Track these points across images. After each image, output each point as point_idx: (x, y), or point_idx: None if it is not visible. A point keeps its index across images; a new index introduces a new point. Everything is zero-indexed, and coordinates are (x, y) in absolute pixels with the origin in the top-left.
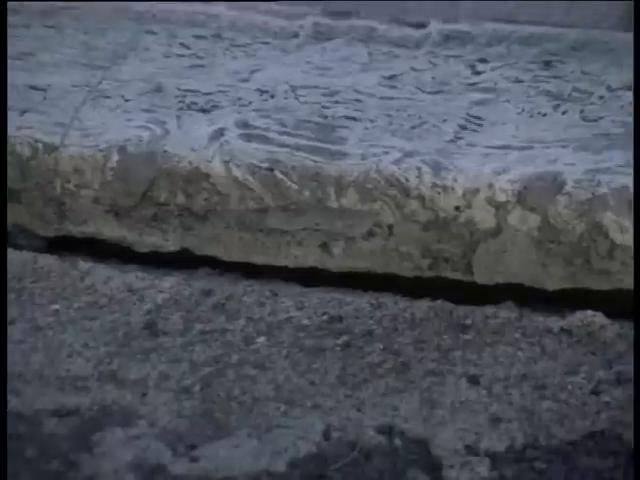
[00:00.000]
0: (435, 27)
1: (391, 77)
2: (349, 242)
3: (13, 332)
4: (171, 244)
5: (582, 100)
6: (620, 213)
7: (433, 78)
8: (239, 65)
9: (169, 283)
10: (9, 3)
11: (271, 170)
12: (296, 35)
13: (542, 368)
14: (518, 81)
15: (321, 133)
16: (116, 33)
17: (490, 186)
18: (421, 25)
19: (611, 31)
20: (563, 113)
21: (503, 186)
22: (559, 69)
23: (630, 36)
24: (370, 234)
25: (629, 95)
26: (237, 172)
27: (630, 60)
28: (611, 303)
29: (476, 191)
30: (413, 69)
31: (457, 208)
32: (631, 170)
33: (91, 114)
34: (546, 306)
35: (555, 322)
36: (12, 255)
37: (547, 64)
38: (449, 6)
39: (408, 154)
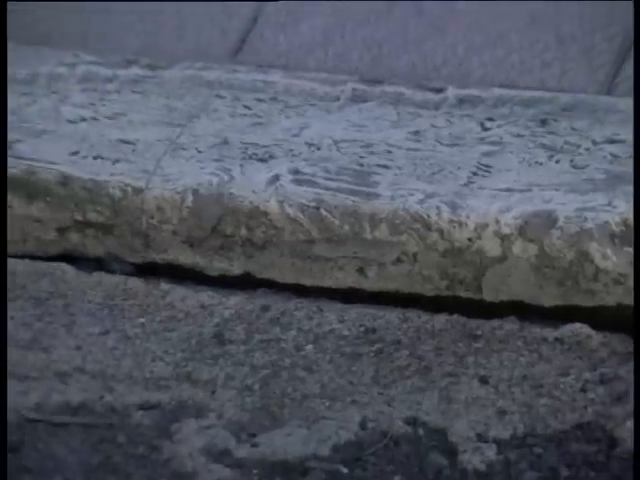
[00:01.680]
0: (451, 92)
1: (415, 132)
2: (381, 267)
3: (107, 341)
4: (235, 268)
5: (572, 151)
6: (603, 244)
7: (450, 133)
8: (291, 123)
9: (234, 301)
10: None
11: (317, 208)
12: (338, 98)
13: (539, 370)
14: (519, 136)
15: (358, 178)
16: (191, 97)
17: (497, 221)
18: (440, 90)
19: (594, 95)
20: (556, 162)
21: (507, 221)
22: (553, 126)
23: (610, 99)
24: (398, 260)
25: (610, 147)
26: (289, 210)
27: (612, 118)
28: (596, 317)
29: (485, 225)
30: (433, 126)
31: (470, 239)
32: (611, 208)
33: (171, 163)
34: (542, 319)
35: (550, 333)
36: (106, 278)
37: (543, 122)
38: (462, 75)
39: (429, 195)
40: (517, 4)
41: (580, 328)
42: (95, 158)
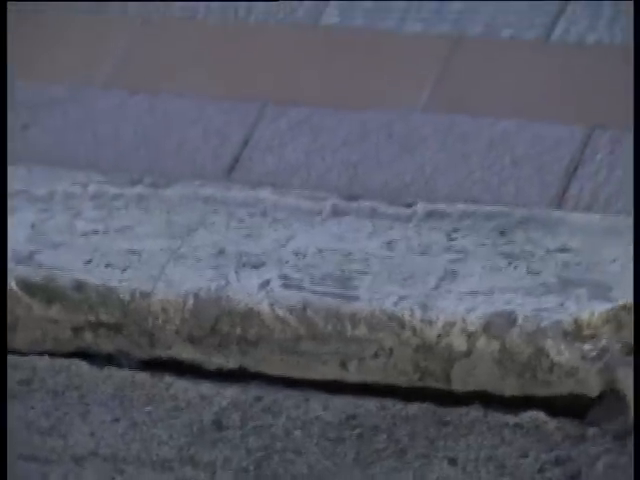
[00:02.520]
0: (420, 207)
1: (389, 242)
2: (361, 361)
3: (118, 427)
4: (231, 363)
5: (528, 259)
6: (557, 340)
7: (419, 243)
8: (279, 234)
9: (230, 392)
10: None
11: (304, 310)
12: (320, 213)
13: (502, 452)
14: (481, 245)
15: (340, 283)
16: (190, 212)
17: (463, 320)
18: (410, 205)
19: (546, 209)
20: (514, 268)
21: (472, 321)
22: (511, 237)
23: (560, 213)
24: (376, 355)
25: (561, 255)
26: (279, 311)
27: (562, 229)
28: (551, 405)
29: (453, 324)
30: (405, 237)
31: (439, 336)
32: (563, 309)
33: (173, 270)
34: (504, 407)
35: (511, 419)
36: (116, 372)
37: (502, 233)
38: (429, 191)
39: (403, 298)
40: (477, 129)
41: (537, 415)
42: (106, 266)
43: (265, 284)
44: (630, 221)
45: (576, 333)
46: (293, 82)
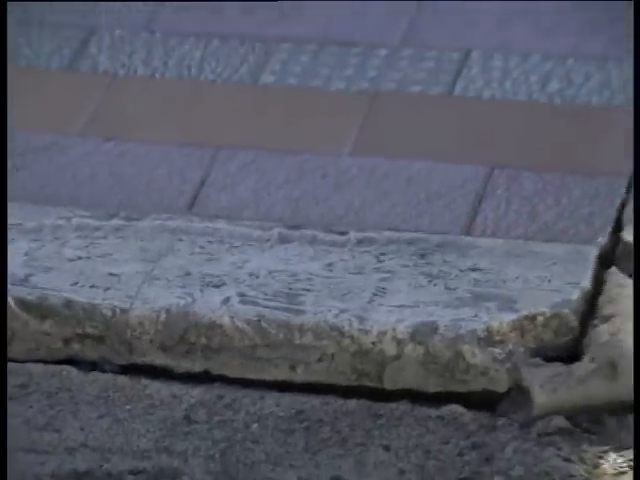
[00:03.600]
0: (353, 234)
1: (329, 264)
2: (307, 365)
3: (103, 423)
4: (197, 367)
5: (445, 277)
6: (472, 345)
7: (354, 265)
8: (236, 259)
9: (197, 391)
10: None
11: (259, 322)
12: (269, 240)
13: (427, 440)
14: (405, 266)
15: (288, 299)
16: (159, 241)
17: (393, 329)
18: (344, 233)
19: (458, 236)
20: (434, 285)
21: (401, 330)
22: (429, 259)
23: (470, 239)
24: (320, 360)
25: (473, 274)
26: (238, 323)
27: (472, 252)
28: (467, 400)
29: (385, 333)
30: (341, 259)
31: (373, 343)
32: (477, 319)
33: (148, 290)
34: (428, 402)
35: (434, 412)
36: (100, 376)
37: (422, 256)
38: (359, 221)
39: (342, 311)
40: (395, 170)
41: (456, 408)
42: (91, 287)
43: (226, 300)
44: (528, 246)
45: (488, 339)
46: (240, 131)
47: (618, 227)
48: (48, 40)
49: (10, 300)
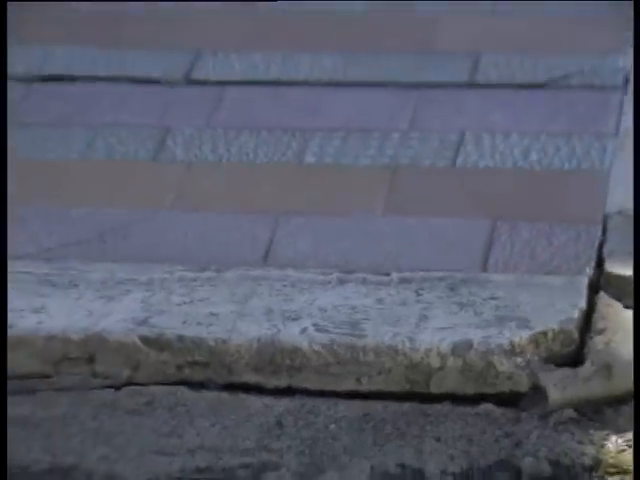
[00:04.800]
0: (395, 275)
1: (379, 299)
2: (370, 377)
3: (214, 430)
4: (283, 383)
5: (472, 305)
6: (499, 356)
7: (399, 298)
8: (306, 298)
9: (284, 402)
10: None
11: (331, 345)
12: (330, 282)
13: (468, 431)
14: (440, 298)
15: (352, 326)
16: (244, 287)
17: (437, 347)
18: (388, 274)
19: (477, 273)
20: (465, 311)
21: (443, 347)
22: (458, 291)
23: (487, 274)
24: (379, 373)
25: (493, 302)
26: (315, 347)
27: (490, 285)
28: (497, 399)
29: (430, 349)
30: (388, 295)
31: (422, 358)
32: (501, 336)
33: (241, 324)
34: (466, 402)
35: (471, 409)
36: (207, 394)
37: (451, 289)
38: (397, 263)
39: (396, 334)
40: (420, 226)
41: (488, 406)
42: (197, 324)
43: (303, 330)
44: (533, 279)
45: (511, 351)
46: (293, 200)
47: (600, 261)
48: (131, 137)
49: (135, 338)
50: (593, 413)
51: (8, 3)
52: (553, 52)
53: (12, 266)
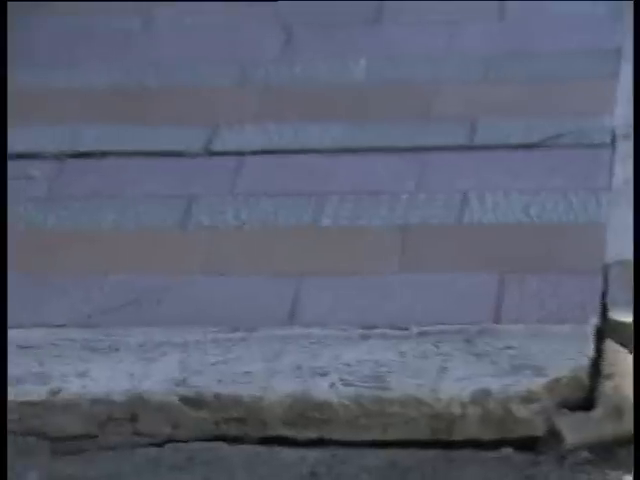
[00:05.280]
0: (414, 329)
1: (401, 352)
2: (396, 427)
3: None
4: (315, 435)
5: (488, 355)
6: (516, 403)
7: (419, 351)
8: (331, 353)
9: (316, 453)
10: None
11: (358, 398)
12: (352, 338)
13: (490, 476)
14: (457, 349)
15: (377, 380)
16: (273, 345)
17: (458, 396)
18: (406, 329)
19: (491, 325)
20: (482, 362)
21: (464, 396)
22: (473, 343)
23: (499, 326)
24: (405, 422)
25: (509, 351)
26: (343, 401)
27: (505, 335)
28: (516, 443)
29: (452, 399)
30: (409, 348)
31: (444, 407)
32: (517, 384)
33: (273, 381)
34: (488, 447)
35: (492, 454)
36: (244, 447)
37: (468, 341)
38: (415, 318)
39: (419, 385)
40: (431, 280)
41: (508, 450)
42: (232, 382)
43: (332, 385)
44: (543, 328)
45: (528, 398)
46: (313, 261)
47: (604, 310)
48: (159, 207)
49: (175, 397)
50: (606, 454)
51: None
52: (544, 114)
53: (55, 334)
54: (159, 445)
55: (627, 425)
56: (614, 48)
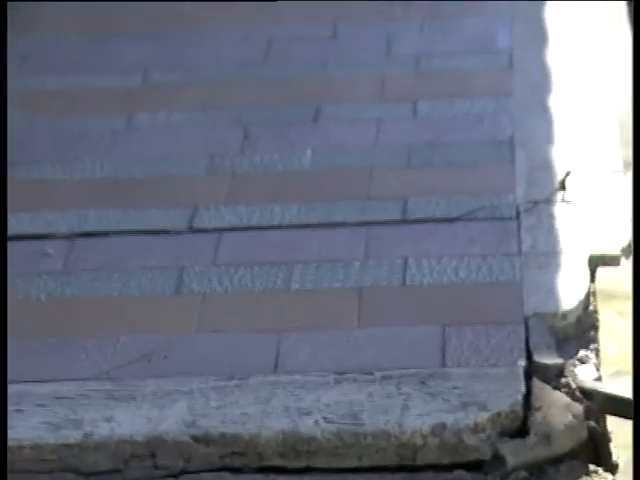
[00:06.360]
0: (377, 374)
1: (370, 393)
2: (369, 455)
3: None
4: (303, 464)
5: (440, 394)
6: (467, 433)
7: (384, 393)
8: (313, 396)
9: (305, 478)
10: None
11: (338, 433)
12: (328, 382)
13: None
14: (415, 389)
15: (353, 417)
16: (263, 390)
17: (420, 429)
18: (372, 373)
19: (440, 369)
20: (435, 400)
21: (424, 429)
22: (428, 384)
23: (446, 369)
24: (377, 451)
25: (456, 391)
26: (326, 435)
27: (451, 377)
28: (467, 466)
29: (415, 431)
30: (376, 390)
31: (408, 439)
32: (467, 417)
33: (267, 420)
34: (444, 470)
35: (449, 475)
36: (243, 475)
37: (422, 383)
38: (376, 365)
39: (387, 421)
40: (391, 336)
41: (460, 472)
42: (233, 422)
43: (316, 422)
44: (482, 370)
45: (475, 429)
46: (289, 319)
47: (529, 354)
48: (156, 277)
49: (187, 437)
50: (540, 472)
51: None
52: (460, 193)
53: (82, 386)
54: (175, 476)
55: (554, 448)
56: (507, 138)
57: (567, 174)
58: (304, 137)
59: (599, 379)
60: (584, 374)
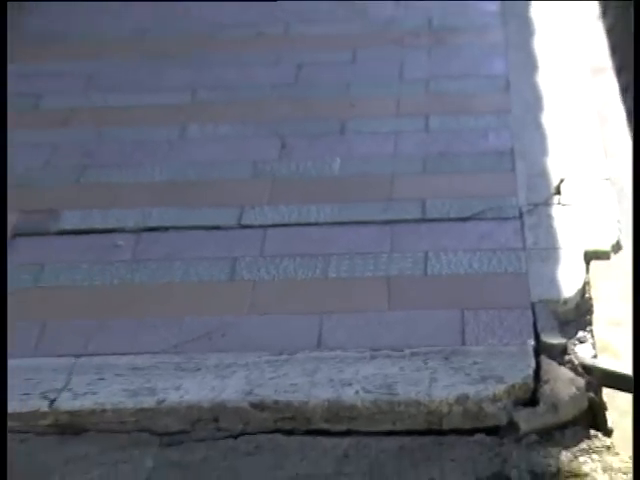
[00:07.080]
0: (407, 351)
1: (401, 367)
2: (402, 421)
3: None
4: (344, 427)
5: (462, 369)
6: (486, 402)
7: (413, 367)
8: (352, 369)
9: (347, 441)
10: None
11: (375, 401)
12: (365, 358)
13: (471, 453)
14: (439, 364)
15: (387, 387)
16: (317, 362)
17: (446, 398)
18: (402, 350)
19: (461, 347)
20: (458, 374)
21: (449, 398)
22: (450, 359)
23: (466, 347)
24: (409, 417)
25: (477, 366)
26: (365, 403)
27: (470, 354)
28: (487, 430)
29: (442, 400)
30: (406, 364)
31: (436, 407)
32: (486, 389)
33: (318, 391)
34: (466, 433)
35: (469, 438)
36: (297, 437)
37: (446, 358)
38: (406, 343)
39: (418, 392)
40: (415, 317)
41: (481, 436)
42: (284, 392)
43: (356, 392)
44: (497, 348)
45: (493, 399)
46: (329, 303)
47: (537, 335)
48: (212, 266)
49: (246, 404)
50: (548, 436)
51: None
52: (470, 196)
53: (154, 358)
54: (234, 437)
55: (560, 415)
56: (508, 150)
57: (561, 181)
58: (333, 147)
59: (595, 356)
60: (583, 352)
